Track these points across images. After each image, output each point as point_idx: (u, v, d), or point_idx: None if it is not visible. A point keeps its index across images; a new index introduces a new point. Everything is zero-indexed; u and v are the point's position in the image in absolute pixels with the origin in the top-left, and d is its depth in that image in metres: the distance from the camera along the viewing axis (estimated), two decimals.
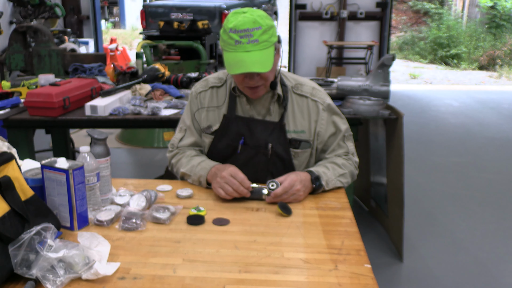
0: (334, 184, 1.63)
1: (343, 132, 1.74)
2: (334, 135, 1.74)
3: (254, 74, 1.56)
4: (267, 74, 1.58)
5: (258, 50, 1.51)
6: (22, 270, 1.04)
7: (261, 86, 1.62)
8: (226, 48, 1.54)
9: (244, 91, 1.66)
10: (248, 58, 1.50)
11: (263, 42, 1.51)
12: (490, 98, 7.42)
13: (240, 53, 1.50)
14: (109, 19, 16.78)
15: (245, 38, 1.49)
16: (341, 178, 1.65)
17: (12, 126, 2.49)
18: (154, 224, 1.37)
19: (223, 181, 1.53)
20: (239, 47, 1.50)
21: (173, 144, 1.81)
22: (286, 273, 1.13)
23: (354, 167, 1.73)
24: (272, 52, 1.55)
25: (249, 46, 1.50)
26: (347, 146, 1.75)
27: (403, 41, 13.29)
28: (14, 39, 3.53)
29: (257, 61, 1.51)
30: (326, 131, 1.72)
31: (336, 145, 1.73)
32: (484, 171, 4.25)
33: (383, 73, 2.73)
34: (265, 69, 1.52)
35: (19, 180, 1.18)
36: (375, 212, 3.27)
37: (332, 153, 1.74)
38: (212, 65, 4.54)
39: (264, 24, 1.52)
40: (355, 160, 1.75)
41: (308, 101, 1.72)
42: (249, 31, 1.49)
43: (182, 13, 7.47)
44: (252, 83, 1.58)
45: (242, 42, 1.50)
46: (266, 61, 1.53)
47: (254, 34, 1.49)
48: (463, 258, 2.80)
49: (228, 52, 1.53)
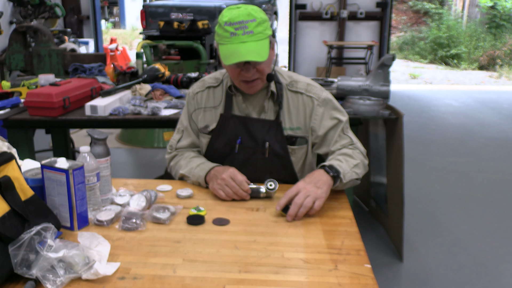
0: (350, 177, 1.56)
1: (343, 124, 1.72)
2: (335, 127, 1.71)
3: (250, 67, 1.56)
4: (262, 67, 1.58)
5: (253, 41, 1.51)
6: (22, 270, 1.04)
7: (258, 80, 1.61)
8: (221, 41, 1.54)
9: (240, 86, 1.65)
10: (244, 49, 1.50)
11: (258, 33, 1.51)
12: (490, 98, 7.42)
13: (235, 44, 1.50)
14: (109, 19, 16.78)
15: (240, 30, 1.50)
16: (355, 169, 1.60)
17: (12, 126, 2.49)
18: (154, 224, 1.37)
19: (223, 183, 1.54)
20: (234, 39, 1.50)
21: (172, 146, 1.81)
22: (286, 273, 1.13)
23: (363, 156, 1.69)
24: (267, 44, 1.54)
25: (244, 37, 1.50)
26: (349, 137, 1.72)
27: (403, 41, 13.30)
28: (14, 39, 3.53)
29: (252, 51, 1.51)
30: (321, 125, 1.70)
31: (338, 137, 1.70)
32: (484, 171, 4.24)
33: (383, 73, 2.73)
34: (261, 58, 1.52)
35: (19, 180, 1.18)
36: (375, 212, 3.27)
37: (336, 144, 1.70)
38: (212, 65, 4.54)
39: (259, 16, 1.52)
40: (362, 150, 1.71)
41: (303, 97, 1.71)
42: (243, 23, 1.50)
43: (182, 13, 7.46)
44: (248, 76, 1.57)
45: (237, 34, 1.50)
46: (262, 51, 1.53)
47: (249, 26, 1.50)
48: (463, 258, 2.80)
49: (223, 45, 1.53)
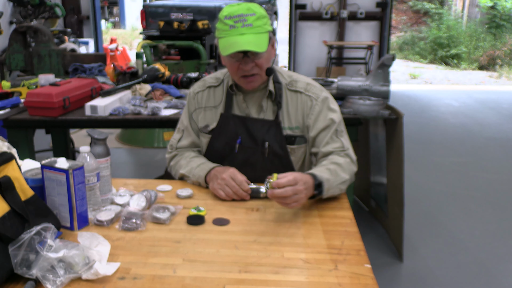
0: (332, 193, 1.53)
1: (336, 125, 1.68)
2: (327, 128, 1.67)
3: (248, 60, 1.56)
4: (261, 62, 1.58)
5: (252, 33, 1.51)
6: (22, 270, 1.04)
7: (257, 76, 1.61)
8: (220, 35, 1.54)
9: (239, 82, 1.65)
10: (242, 39, 1.50)
11: (257, 27, 1.51)
12: (490, 98, 7.42)
13: (234, 36, 1.50)
14: (109, 19, 16.78)
15: (239, 22, 1.50)
16: (341, 186, 1.56)
17: (12, 126, 2.49)
18: (154, 224, 1.37)
19: (223, 182, 1.54)
20: (233, 31, 1.50)
21: (172, 145, 1.81)
22: (286, 273, 1.13)
23: (354, 164, 1.65)
24: (266, 37, 1.54)
25: (243, 29, 1.50)
26: (341, 141, 1.67)
27: (403, 41, 13.30)
28: (14, 39, 3.53)
29: (251, 42, 1.50)
30: (316, 124, 1.67)
31: (329, 138, 1.66)
32: (484, 171, 4.24)
33: (383, 73, 2.73)
34: (260, 49, 1.51)
35: (19, 180, 1.18)
36: (375, 212, 3.27)
37: (327, 146, 1.66)
38: (212, 65, 4.53)
39: (258, 11, 1.53)
40: (353, 158, 1.66)
41: (302, 96, 1.70)
42: (243, 16, 1.50)
43: (182, 13, 7.45)
44: (247, 69, 1.57)
45: (236, 26, 1.50)
46: (261, 43, 1.52)
47: (248, 19, 1.50)
48: (463, 258, 2.79)
49: (223, 38, 1.53)
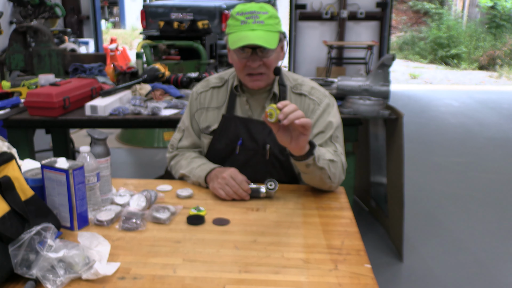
0: (322, 164, 1.47)
1: (333, 132, 1.65)
2: (324, 132, 1.65)
3: (256, 57, 1.55)
4: (270, 61, 1.57)
5: (264, 30, 1.50)
6: (22, 270, 1.04)
7: (263, 75, 1.60)
8: (231, 30, 1.53)
9: (244, 80, 1.63)
10: (253, 34, 1.49)
11: (268, 25, 1.51)
12: (490, 98, 7.42)
13: (245, 31, 1.50)
14: (109, 19, 16.79)
15: (251, 19, 1.50)
16: (330, 164, 1.51)
17: (12, 126, 2.49)
18: (154, 224, 1.37)
19: (223, 182, 1.53)
20: (245, 26, 1.50)
21: (173, 145, 1.81)
22: (286, 273, 1.13)
23: (342, 169, 1.59)
24: (277, 36, 1.53)
25: (254, 26, 1.49)
26: (335, 146, 1.65)
27: (403, 41, 13.31)
28: (14, 39, 3.53)
29: (261, 37, 1.49)
30: (313, 128, 1.64)
31: (324, 142, 1.64)
32: (484, 171, 4.25)
33: (383, 73, 2.73)
34: (270, 45, 1.50)
35: (19, 180, 1.18)
36: (375, 212, 3.27)
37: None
38: (212, 65, 4.53)
39: (271, 11, 1.53)
40: (344, 162, 1.61)
41: (305, 100, 1.69)
42: (255, 13, 1.50)
43: (182, 13, 7.45)
44: (254, 66, 1.56)
45: (248, 22, 1.49)
46: (271, 40, 1.51)
47: (260, 17, 1.50)
48: (463, 258, 2.80)
49: (233, 33, 1.52)
